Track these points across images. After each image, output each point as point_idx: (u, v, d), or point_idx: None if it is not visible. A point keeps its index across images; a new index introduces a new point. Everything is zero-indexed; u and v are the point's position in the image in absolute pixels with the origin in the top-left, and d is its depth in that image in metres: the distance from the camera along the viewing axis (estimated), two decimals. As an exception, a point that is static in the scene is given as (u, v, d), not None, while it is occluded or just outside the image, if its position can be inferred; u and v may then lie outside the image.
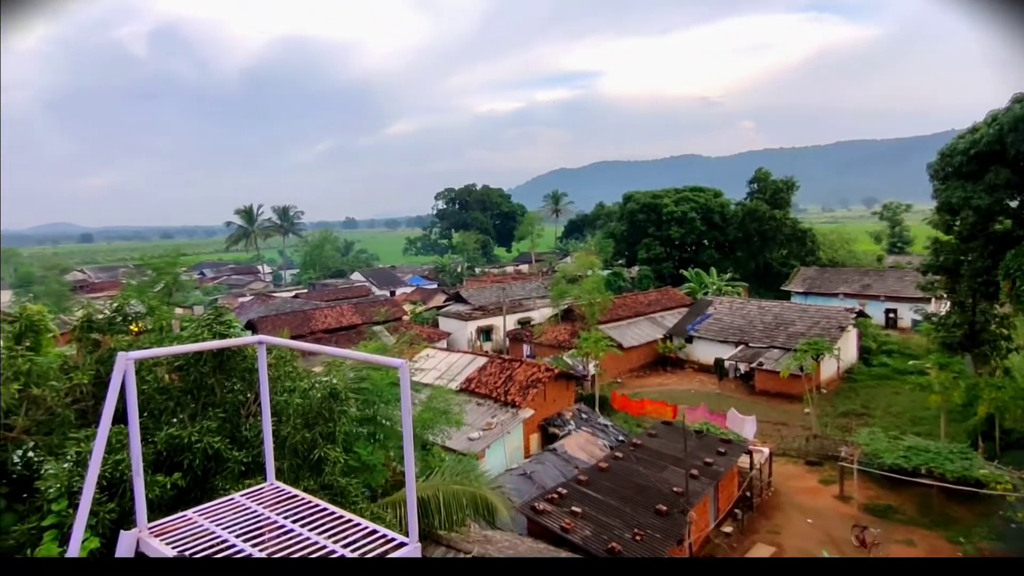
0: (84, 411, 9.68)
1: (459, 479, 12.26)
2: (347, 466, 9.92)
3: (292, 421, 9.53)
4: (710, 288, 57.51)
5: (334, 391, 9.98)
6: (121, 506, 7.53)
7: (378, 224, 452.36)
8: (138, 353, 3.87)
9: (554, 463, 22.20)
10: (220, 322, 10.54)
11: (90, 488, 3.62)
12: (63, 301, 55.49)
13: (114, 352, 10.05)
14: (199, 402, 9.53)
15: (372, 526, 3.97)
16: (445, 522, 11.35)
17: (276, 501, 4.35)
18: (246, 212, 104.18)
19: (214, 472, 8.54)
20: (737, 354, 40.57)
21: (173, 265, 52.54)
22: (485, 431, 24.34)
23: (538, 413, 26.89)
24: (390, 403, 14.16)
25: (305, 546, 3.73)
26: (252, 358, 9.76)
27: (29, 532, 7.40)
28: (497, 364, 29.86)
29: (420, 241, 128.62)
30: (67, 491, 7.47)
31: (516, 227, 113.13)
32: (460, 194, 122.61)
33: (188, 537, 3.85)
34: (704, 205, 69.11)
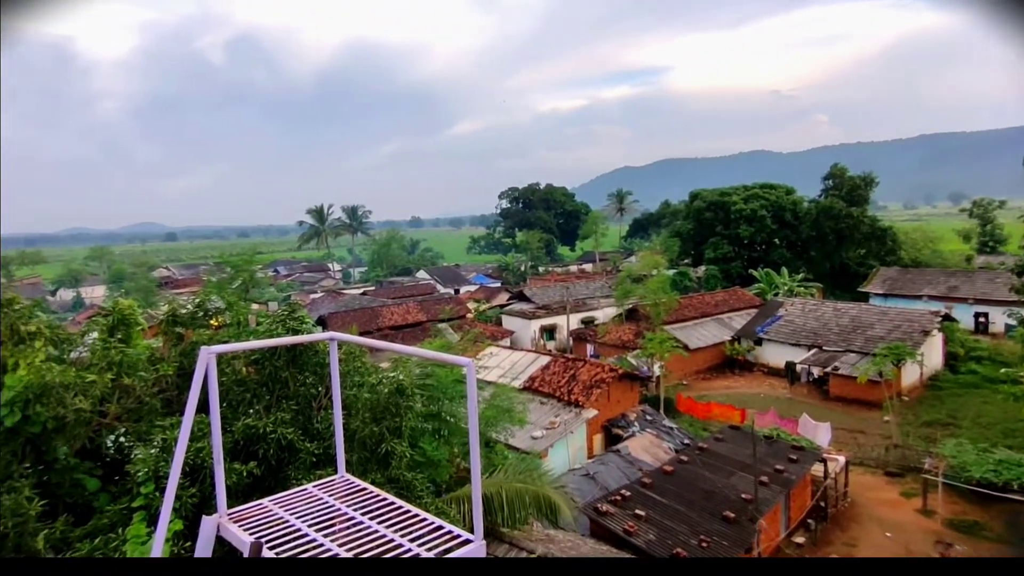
0: (169, 400, 10.23)
1: (522, 477, 12.28)
2: (413, 461, 10.10)
3: (361, 415, 9.77)
4: (781, 289, 55.47)
5: (401, 387, 10.17)
6: (202, 491, 7.91)
7: (443, 223, 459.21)
8: (219, 347, 4.04)
9: (617, 464, 21.94)
10: (293, 318, 10.94)
11: (175, 474, 3.80)
12: (150, 296, 59.04)
13: (196, 345, 10.59)
14: (273, 394, 9.90)
15: (438, 522, 4.00)
16: (508, 520, 11.39)
17: (347, 493, 4.45)
18: (317, 212, 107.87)
19: (287, 462, 8.86)
20: (810, 358, 38.96)
21: (249, 263, 55.01)
22: (548, 430, 24.30)
23: (601, 413, 26.63)
24: (454, 400, 14.33)
25: (374, 539, 3.80)
26: (323, 353, 10.08)
27: (121, 512, 7.88)
28: (560, 363, 29.74)
29: (484, 240, 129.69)
30: (154, 475, 7.92)
31: (580, 226, 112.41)
32: (524, 193, 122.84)
33: (264, 524, 3.99)
34: (775, 203, 66.70)
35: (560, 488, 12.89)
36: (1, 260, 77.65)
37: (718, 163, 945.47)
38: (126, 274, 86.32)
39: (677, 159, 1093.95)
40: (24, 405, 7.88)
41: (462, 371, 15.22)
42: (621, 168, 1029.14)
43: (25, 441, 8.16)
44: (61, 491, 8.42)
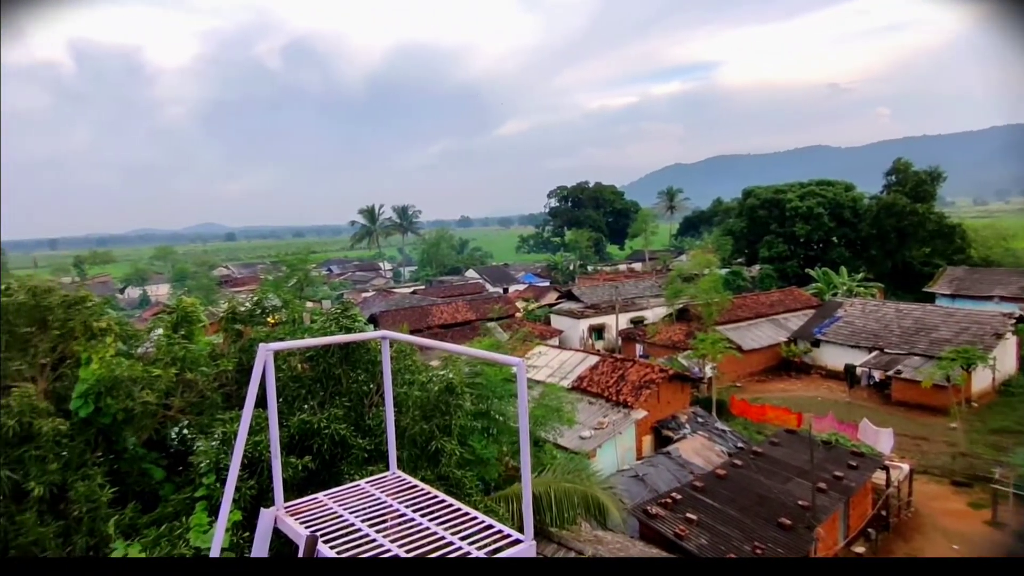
0: (229, 395, 10.60)
1: (570, 477, 12.23)
2: (462, 459, 10.17)
3: (411, 413, 9.91)
4: (839, 289, 53.53)
5: (451, 385, 10.26)
6: (259, 483, 8.16)
7: (492, 222, 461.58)
8: (277, 344, 4.14)
9: (668, 467, 21.60)
10: (346, 316, 11.17)
11: (235, 466, 3.92)
12: (211, 294, 61.32)
13: (254, 342, 10.94)
14: (327, 391, 10.14)
15: (488, 520, 4.01)
16: (556, 519, 11.36)
17: (398, 490, 4.51)
18: (369, 212, 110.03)
19: (340, 457, 9.05)
20: (871, 360, 37.47)
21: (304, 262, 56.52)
22: (597, 430, 24.12)
23: (651, 415, 26.26)
24: (503, 399, 14.38)
25: (425, 536, 3.83)
26: (375, 351, 10.25)
27: (184, 501, 8.21)
28: (609, 363, 29.48)
29: (533, 239, 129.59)
30: (215, 466, 8.21)
31: (629, 225, 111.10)
32: (572, 192, 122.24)
33: (319, 519, 4.07)
34: (833, 200, 64.39)
35: (609, 489, 12.78)
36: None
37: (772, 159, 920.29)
38: (188, 273, 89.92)
39: (729, 156, 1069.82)
40: (96, 397, 8.30)
41: (511, 370, 15.28)
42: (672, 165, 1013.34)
43: (97, 431, 8.59)
44: (130, 479, 8.83)
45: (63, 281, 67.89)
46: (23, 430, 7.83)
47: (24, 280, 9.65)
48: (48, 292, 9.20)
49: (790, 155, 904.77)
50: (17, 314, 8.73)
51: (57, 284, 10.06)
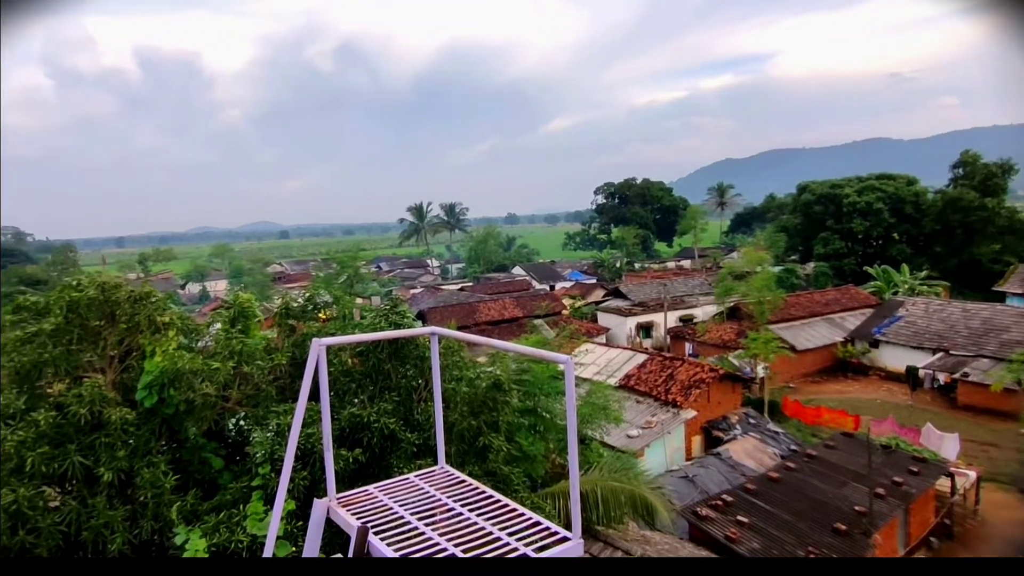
0: (283, 388, 10.89)
1: (618, 476, 12.12)
2: (509, 455, 10.20)
3: (459, 408, 10.00)
4: (900, 287, 51.39)
5: (498, 382, 10.31)
6: (312, 474, 8.37)
7: (538, 219, 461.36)
8: (329, 340, 4.24)
9: (718, 468, 21.18)
10: (396, 312, 11.34)
11: (290, 458, 4.03)
12: (266, 290, 63.26)
13: (307, 337, 11.22)
14: (377, 385, 10.32)
15: (536, 517, 4.01)
16: (603, 518, 11.28)
17: (446, 484, 4.56)
18: (417, 210, 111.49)
19: (389, 451, 9.20)
20: (935, 362, 35.87)
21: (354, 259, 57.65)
22: (645, 429, 23.85)
23: (701, 415, 25.80)
24: (550, 396, 14.35)
25: (473, 531, 3.86)
26: (424, 347, 10.38)
27: (241, 490, 8.49)
28: (658, 362, 29.09)
29: (579, 236, 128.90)
30: (270, 457, 8.47)
31: (678, 221, 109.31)
32: (619, 188, 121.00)
33: (369, 510, 4.15)
34: (894, 194, 61.80)
35: (657, 489, 12.61)
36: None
37: (828, 153, 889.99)
38: (244, 270, 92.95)
39: (783, 150, 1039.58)
40: (160, 388, 8.66)
41: (558, 368, 15.23)
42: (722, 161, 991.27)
43: (161, 421, 8.96)
44: (191, 468, 9.19)
45: (129, 277, 71.16)
46: (94, 418, 8.23)
47: (94, 276, 10.12)
48: (116, 288, 9.63)
49: (848, 148, 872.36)
50: (88, 308, 9.17)
51: (124, 280, 10.54)
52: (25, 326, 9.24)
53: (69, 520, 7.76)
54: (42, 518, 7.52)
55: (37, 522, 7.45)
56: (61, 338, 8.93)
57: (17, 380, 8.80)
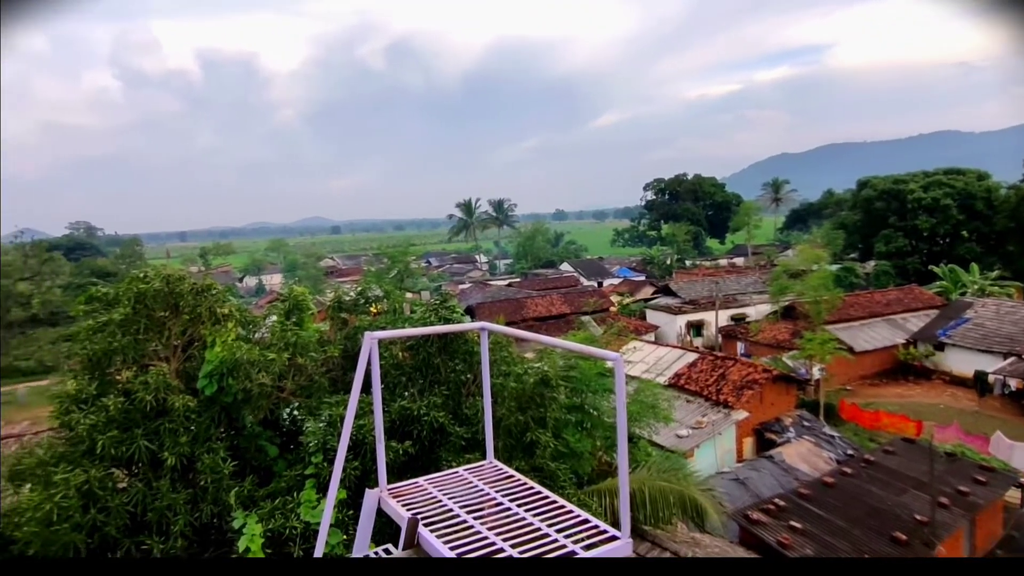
0: (335, 380, 11.16)
1: (666, 476, 11.94)
2: (556, 451, 10.20)
3: (507, 404, 10.03)
4: (969, 288, 48.92)
5: (546, 378, 10.31)
6: (363, 465, 8.54)
7: (586, 215, 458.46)
8: (381, 333, 4.30)
9: (771, 471, 20.65)
10: (445, 307, 11.46)
11: (343, 448, 4.11)
12: (319, 284, 64.81)
13: (358, 330, 11.45)
14: (426, 379, 10.46)
15: (584, 515, 3.98)
16: (651, 518, 11.14)
17: (495, 479, 4.57)
18: (466, 206, 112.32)
19: (438, 444, 9.31)
20: (1006, 367, 34.02)
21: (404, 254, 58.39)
22: (695, 429, 23.45)
23: (753, 416, 25.20)
24: (598, 393, 14.26)
25: (522, 527, 3.86)
26: (473, 342, 10.46)
27: (295, 478, 8.74)
28: (709, 361, 28.55)
29: (628, 232, 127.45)
30: (322, 447, 8.68)
31: (730, 218, 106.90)
32: (670, 184, 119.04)
33: (419, 502, 4.20)
34: (963, 190, 58.82)
35: (708, 491, 12.37)
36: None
37: (891, 147, 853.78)
38: (298, 264, 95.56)
39: (842, 143, 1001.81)
40: (220, 378, 8.98)
41: (606, 365, 15.12)
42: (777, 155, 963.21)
43: (220, 409, 9.30)
44: (248, 455, 9.51)
45: (191, 270, 74.04)
46: (158, 405, 8.61)
47: (160, 269, 10.57)
48: (180, 280, 10.03)
49: (913, 142, 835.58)
50: (154, 300, 9.59)
51: (187, 273, 10.96)
52: (96, 316, 9.72)
53: (136, 501, 8.15)
54: (111, 498, 7.92)
55: (107, 502, 7.84)
56: (129, 328, 9.36)
57: (89, 367, 9.28)
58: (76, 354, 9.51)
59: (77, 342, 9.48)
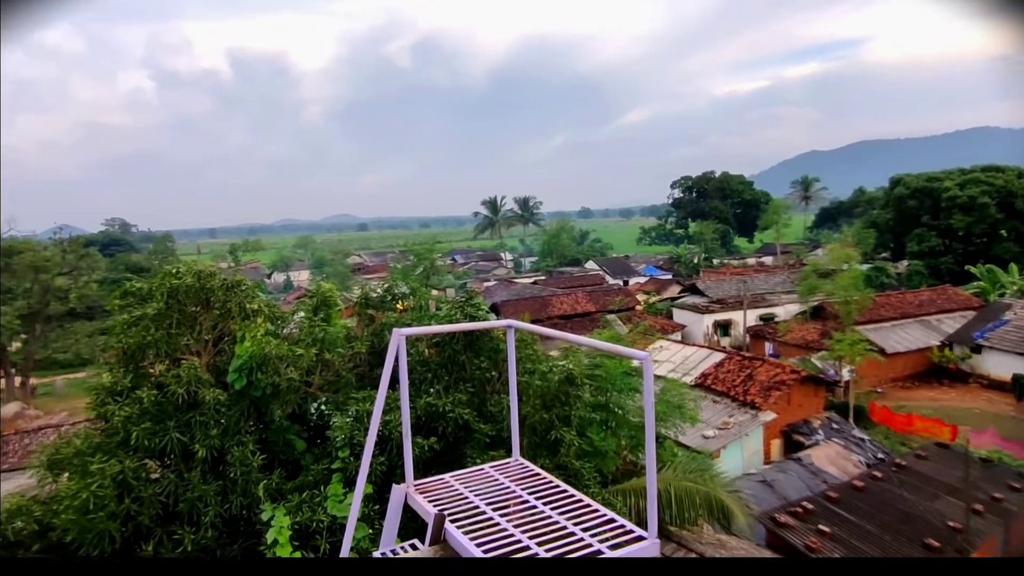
0: (362, 375, 11.26)
1: (692, 476, 11.83)
2: (581, 450, 10.16)
3: (532, 401, 10.03)
4: (1008, 288, 47.56)
5: (571, 376, 10.28)
6: (389, 460, 8.61)
7: (612, 213, 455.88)
8: (409, 330, 4.32)
9: (798, 474, 20.34)
10: (471, 304, 11.49)
11: (371, 443, 4.15)
12: (346, 281, 65.50)
13: (385, 326, 11.54)
14: (452, 376, 10.50)
15: (610, 514, 3.96)
16: (676, 518, 11.05)
17: (521, 476, 4.57)
18: (491, 203, 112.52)
19: (463, 440, 9.35)
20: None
21: (430, 251, 58.64)
22: (721, 430, 23.19)
23: (781, 417, 24.83)
24: (623, 392, 14.17)
25: (547, 524, 3.85)
26: (498, 339, 10.47)
27: (323, 471, 8.84)
28: (736, 361, 28.20)
29: (655, 231, 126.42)
30: (349, 441, 8.77)
31: (759, 216, 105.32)
32: (697, 182, 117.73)
33: (445, 498, 4.22)
34: (1002, 188, 57.13)
35: (734, 492, 12.22)
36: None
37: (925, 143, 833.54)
38: (326, 260, 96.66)
39: (874, 140, 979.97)
40: (249, 372, 9.12)
41: (632, 364, 15.01)
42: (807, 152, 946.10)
43: (249, 403, 9.45)
44: (276, 448, 9.65)
45: (221, 266, 75.37)
46: (190, 398, 8.79)
47: (191, 265, 10.77)
48: (211, 276, 10.22)
49: (948, 138, 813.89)
50: (186, 295, 9.78)
51: (217, 269, 11.16)
52: (131, 310, 9.95)
53: (168, 492, 8.33)
54: (145, 488, 8.10)
55: (141, 492, 8.03)
56: (162, 322, 9.56)
57: (124, 360, 9.50)
58: (111, 347, 9.74)
59: (112, 336, 9.70)
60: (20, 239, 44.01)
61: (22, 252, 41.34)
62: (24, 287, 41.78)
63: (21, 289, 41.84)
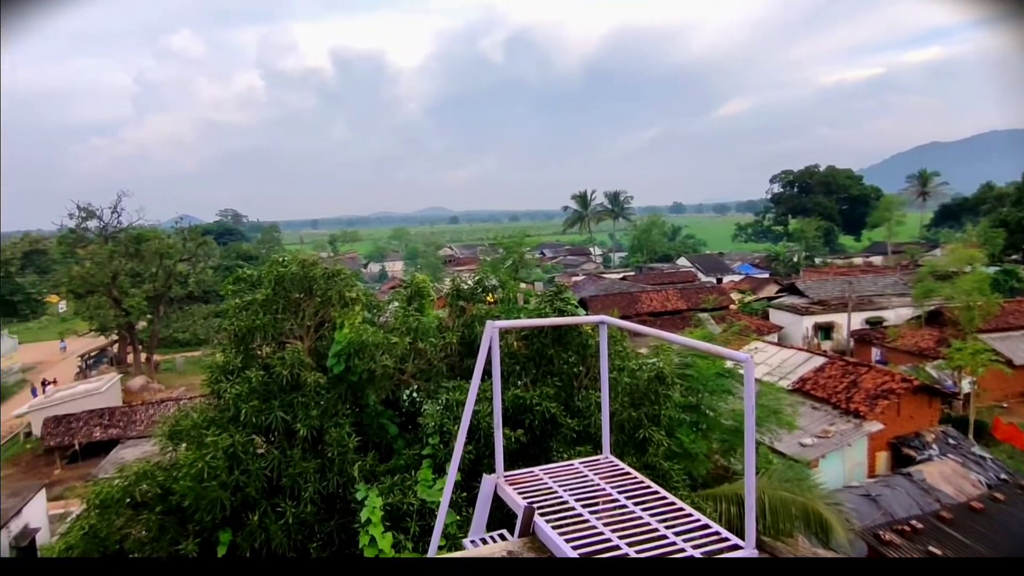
0: (452, 365, 11.49)
1: (788, 485, 11.29)
2: (669, 450, 9.93)
3: (620, 398, 9.89)
4: None
5: (661, 374, 10.06)
6: (476, 449, 8.75)
7: (706, 209, 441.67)
8: (503, 323, 4.35)
9: (907, 490, 18.95)
10: (560, 298, 11.45)
11: (463, 432, 4.21)
12: (437, 272, 67.27)
13: (475, 318, 11.71)
14: (539, 369, 10.52)
15: (705, 520, 3.83)
16: (770, 528, 10.57)
17: (611, 475, 4.50)
18: (581, 197, 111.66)
19: (550, 434, 9.35)
20: None
21: (519, 245, 59.08)
22: (820, 438, 21.99)
23: (888, 429, 23.22)
24: (715, 393, 13.73)
25: (638, 526, 3.77)
26: (587, 334, 10.38)
27: (413, 456, 9.12)
28: (839, 366, 26.64)
29: (752, 227, 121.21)
30: (439, 429, 8.99)
31: (868, 213, 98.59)
32: (800, 176, 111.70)
33: (535, 491, 4.22)
34: None
35: (834, 505, 11.55)
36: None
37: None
38: (419, 252, 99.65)
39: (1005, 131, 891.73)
40: (347, 358, 9.54)
41: (724, 364, 14.49)
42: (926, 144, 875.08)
43: (346, 387, 9.88)
44: (370, 431, 10.04)
45: (322, 256, 79.35)
46: (293, 380, 9.30)
47: (295, 254, 11.40)
48: (314, 265, 10.76)
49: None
50: (291, 282, 10.35)
51: (319, 258, 11.73)
52: (242, 295, 10.65)
53: (272, 466, 8.86)
54: (252, 462, 8.66)
55: (248, 465, 8.58)
56: (269, 307, 10.18)
57: (235, 341, 10.18)
58: (224, 329, 10.47)
59: (225, 318, 10.43)
60: (147, 228, 48.09)
61: (149, 240, 45.26)
62: (151, 272, 45.73)
63: (148, 273, 45.82)
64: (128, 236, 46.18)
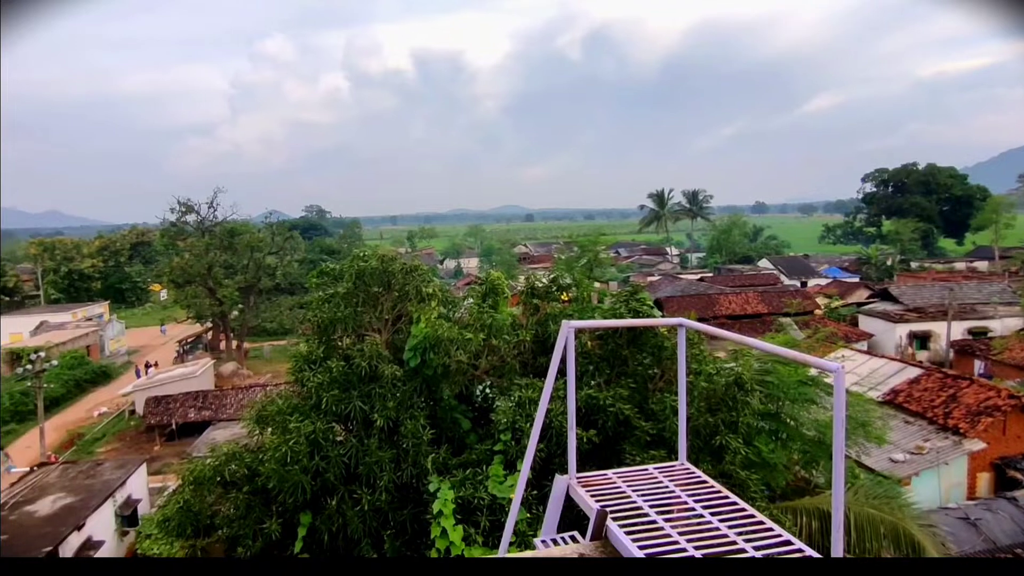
0: (525, 363, 11.52)
1: (876, 503, 10.64)
2: (747, 459, 9.58)
3: (696, 403, 9.63)
4: None
5: (740, 380, 9.73)
6: (547, 448, 8.75)
7: (790, 209, 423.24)
8: (579, 323, 4.30)
9: (1012, 515, 17.51)
10: (636, 299, 11.27)
11: (536, 431, 4.20)
12: (512, 270, 67.68)
13: (549, 316, 11.70)
14: (613, 370, 10.39)
15: (786, 535, 3.65)
16: (855, 547, 10.02)
17: (686, 482, 4.37)
18: (658, 196, 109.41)
19: (623, 436, 9.22)
20: None
21: (594, 243, 58.60)
22: (914, 455, 20.65)
23: (992, 448, 21.52)
24: (796, 402, 13.13)
25: (715, 536, 3.64)
26: (662, 336, 10.17)
27: (485, 452, 9.22)
28: (936, 379, 24.91)
29: (840, 228, 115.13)
30: (511, 426, 9.03)
31: (972, 215, 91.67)
32: (895, 175, 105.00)
33: (607, 494, 4.15)
34: None
35: (927, 526, 10.82)
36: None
37: None
38: (494, 249, 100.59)
39: None
40: (423, 352, 9.74)
41: (808, 372, 13.84)
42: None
43: (422, 381, 10.09)
44: (443, 425, 10.22)
45: (400, 251, 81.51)
46: (371, 371, 9.59)
47: (375, 250, 11.76)
48: (392, 260, 11.07)
49: None
50: (371, 277, 10.68)
51: (397, 254, 12.05)
52: (325, 288, 11.09)
53: (350, 454, 9.18)
54: (331, 449, 9.00)
55: (328, 451, 8.93)
56: (350, 300, 10.55)
57: (318, 332, 10.61)
58: (308, 320, 10.94)
59: (309, 310, 10.89)
60: (240, 223, 50.93)
61: (242, 234, 47.95)
62: (242, 264, 48.42)
63: (240, 265, 48.53)
64: (223, 230, 49.06)
